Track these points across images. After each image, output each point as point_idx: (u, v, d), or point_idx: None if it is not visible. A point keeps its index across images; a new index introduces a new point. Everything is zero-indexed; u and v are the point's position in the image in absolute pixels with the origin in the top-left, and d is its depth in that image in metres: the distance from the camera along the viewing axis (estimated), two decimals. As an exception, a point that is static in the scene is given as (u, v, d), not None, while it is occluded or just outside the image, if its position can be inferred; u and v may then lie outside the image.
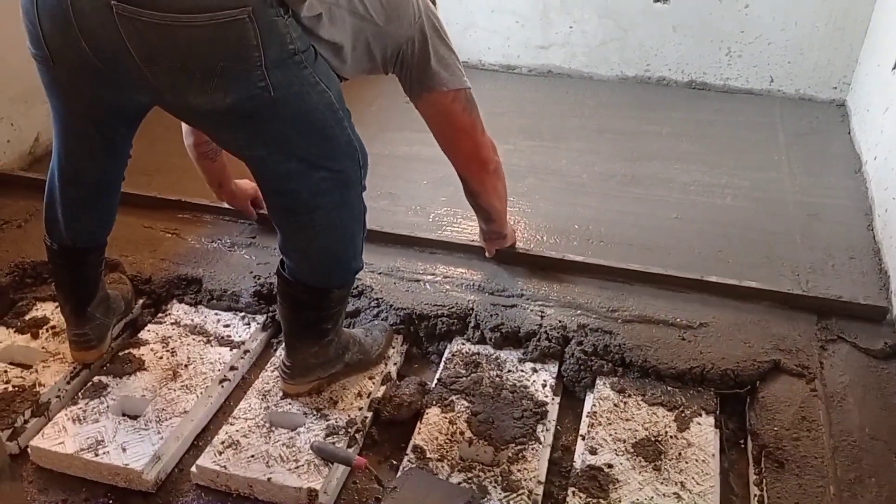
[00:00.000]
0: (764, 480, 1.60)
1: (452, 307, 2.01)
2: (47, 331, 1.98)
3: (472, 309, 2.01)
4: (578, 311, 2.02)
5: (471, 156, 1.80)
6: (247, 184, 2.30)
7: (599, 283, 2.14)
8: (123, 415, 1.75)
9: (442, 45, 1.62)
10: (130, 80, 1.35)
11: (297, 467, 1.60)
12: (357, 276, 1.77)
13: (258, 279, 2.11)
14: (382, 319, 2.00)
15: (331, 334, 1.73)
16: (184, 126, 2.00)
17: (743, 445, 1.74)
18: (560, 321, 1.97)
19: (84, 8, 1.26)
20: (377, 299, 2.05)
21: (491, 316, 1.98)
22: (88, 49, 1.31)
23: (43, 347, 1.92)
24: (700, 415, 1.75)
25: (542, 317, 1.99)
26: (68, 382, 1.84)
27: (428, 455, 1.65)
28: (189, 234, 2.33)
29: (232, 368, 1.91)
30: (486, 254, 2.19)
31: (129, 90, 1.41)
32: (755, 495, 1.59)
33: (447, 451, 1.66)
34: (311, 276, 1.64)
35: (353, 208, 1.61)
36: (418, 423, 1.73)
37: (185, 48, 1.26)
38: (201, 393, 1.80)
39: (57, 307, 2.03)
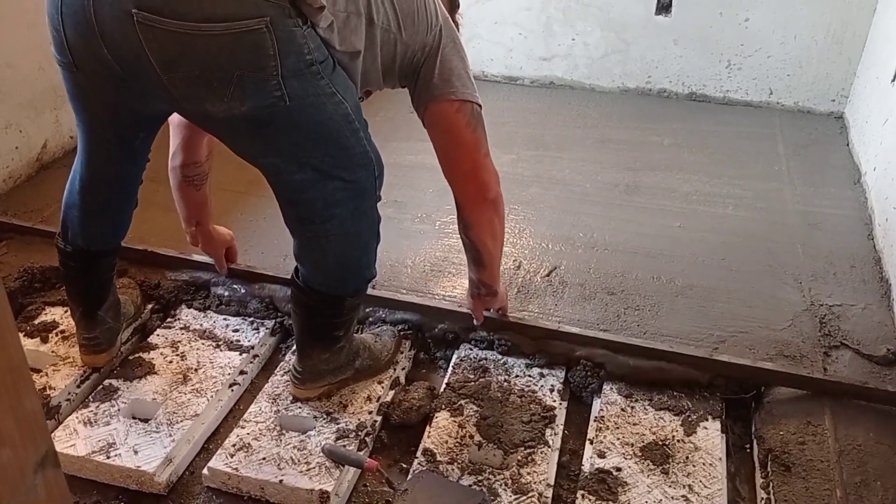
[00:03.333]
0: (771, 484, 1.61)
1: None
2: (57, 335, 1.99)
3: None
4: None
5: (468, 176, 1.68)
6: (225, 231, 2.13)
7: (607, 290, 2.17)
8: (134, 418, 1.76)
9: (456, 56, 1.61)
10: (150, 88, 1.37)
11: (308, 469, 1.61)
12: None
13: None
14: (390, 325, 2.02)
15: (342, 341, 1.75)
16: (171, 145, 1.89)
17: (749, 450, 1.76)
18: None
19: (106, 16, 1.28)
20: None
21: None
22: (110, 56, 1.33)
23: (52, 351, 1.93)
24: (706, 419, 1.77)
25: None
26: (78, 386, 1.85)
27: (438, 458, 1.66)
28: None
29: (241, 373, 1.92)
30: (475, 321, 1.96)
31: (148, 97, 1.43)
32: (762, 498, 1.61)
33: (457, 455, 1.67)
34: (324, 284, 1.66)
35: (368, 218, 1.63)
36: (427, 427, 1.75)
37: (203, 57, 1.28)
38: (211, 396, 1.81)
39: (66, 311, 2.05)
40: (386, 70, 1.56)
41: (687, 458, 1.67)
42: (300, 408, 1.78)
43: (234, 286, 2.12)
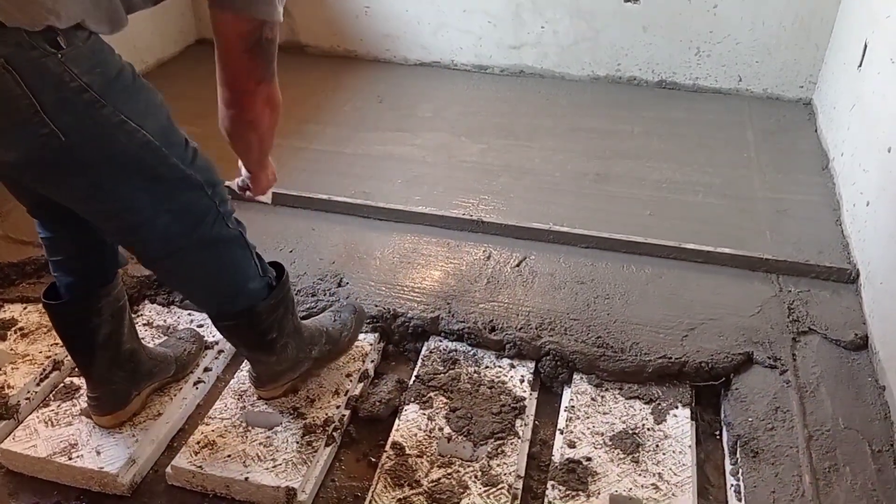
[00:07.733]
0: (740, 470, 1.61)
1: (429, 304, 2.01)
2: (15, 332, 1.94)
3: (449, 306, 2.01)
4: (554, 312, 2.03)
5: (231, 99, 1.37)
6: None
7: (577, 279, 2.16)
8: (96, 417, 1.72)
9: None
10: None
11: (274, 466, 1.59)
12: (333, 279, 1.71)
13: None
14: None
15: (281, 340, 1.64)
16: None
17: (718, 437, 1.76)
18: (538, 318, 1.97)
19: None
20: (353, 296, 2.04)
21: (468, 313, 1.98)
22: None
23: (11, 349, 1.89)
24: (676, 407, 1.77)
25: (518, 314, 2.00)
26: (38, 384, 1.81)
27: (407, 451, 1.64)
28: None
29: (206, 370, 1.88)
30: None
31: None
32: (731, 485, 1.61)
33: (426, 448, 1.65)
34: (217, 308, 1.55)
35: (218, 241, 1.44)
36: (396, 420, 1.73)
37: None
38: (175, 394, 1.78)
39: (25, 308, 2.01)
40: None
41: (657, 446, 1.67)
42: (266, 404, 1.75)
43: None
